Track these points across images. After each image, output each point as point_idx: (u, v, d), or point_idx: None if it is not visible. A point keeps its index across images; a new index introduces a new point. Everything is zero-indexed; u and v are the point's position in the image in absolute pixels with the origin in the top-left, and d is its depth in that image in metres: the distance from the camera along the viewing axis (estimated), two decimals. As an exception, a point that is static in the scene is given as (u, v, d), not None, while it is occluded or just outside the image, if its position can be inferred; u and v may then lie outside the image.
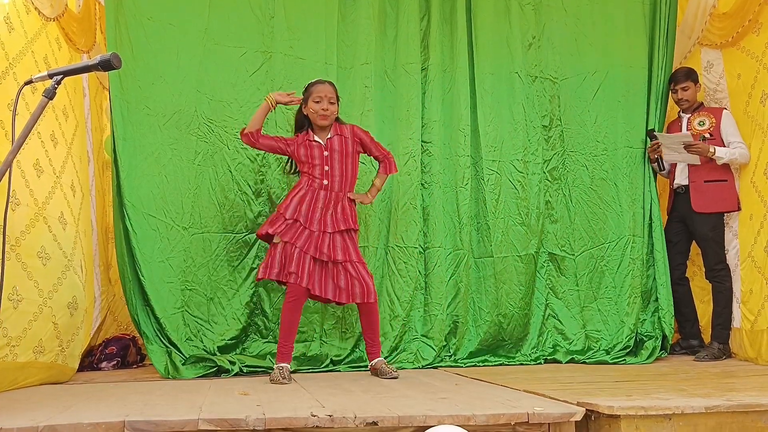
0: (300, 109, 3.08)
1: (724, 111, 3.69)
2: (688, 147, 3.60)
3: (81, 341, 3.07)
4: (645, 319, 3.72)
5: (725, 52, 3.76)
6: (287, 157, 3.17)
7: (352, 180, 3.06)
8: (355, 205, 3.09)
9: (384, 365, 2.96)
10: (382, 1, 3.73)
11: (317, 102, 2.96)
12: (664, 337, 3.68)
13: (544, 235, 3.79)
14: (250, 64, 3.51)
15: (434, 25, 3.76)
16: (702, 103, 3.82)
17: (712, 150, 3.57)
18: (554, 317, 3.77)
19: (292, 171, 3.22)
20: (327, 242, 2.91)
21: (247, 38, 3.51)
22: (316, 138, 3.02)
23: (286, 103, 3.05)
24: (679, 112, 3.89)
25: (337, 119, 3.08)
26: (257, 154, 3.49)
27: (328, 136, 3.01)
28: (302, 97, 3.04)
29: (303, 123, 3.08)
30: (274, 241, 2.94)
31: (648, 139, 3.81)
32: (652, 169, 3.85)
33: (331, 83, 3.07)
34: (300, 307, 2.92)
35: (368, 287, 2.93)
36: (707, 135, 3.65)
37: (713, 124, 3.66)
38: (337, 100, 3.05)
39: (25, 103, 2.56)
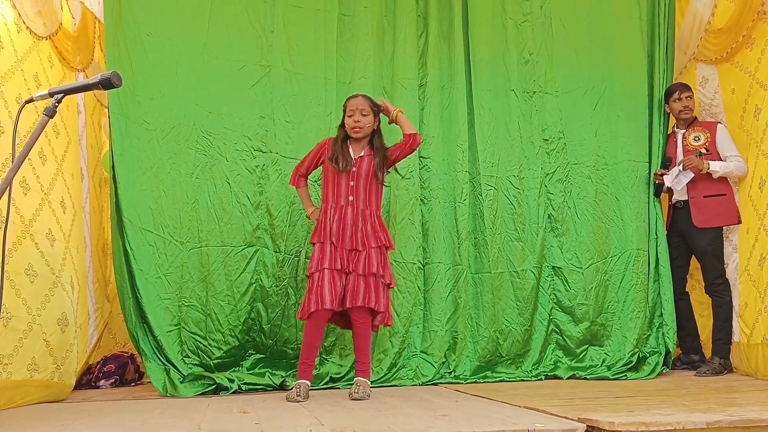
0: (341, 123, 3.07)
1: (719, 125, 3.71)
2: (683, 163, 3.64)
3: (76, 358, 3.05)
4: (649, 335, 3.70)
5: (720, 68, 3.79)
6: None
7: (376, 200, 3.04)
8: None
9: (354, 386, 2.85)
10: (380, 19, 3.77)
11: (350, 116, 2.98)
12: (667, 352, 3.66)
13: (546, 249, 3.78)
14: (248, 78, 3.53)
15: (432, 43, 3.80)
16: (696, 118, 3.84)
17: (706, 165, 3.59)
18: (557, 332, 3.75)
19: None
20: (354, 257, 2.89)
21: (246, 52, 3.54)
22: (351, 150, 3.01)
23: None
24: (674, 127, 3.91)
25: (374, 141, 3.03)
26: (256, 166, 3.49)
27: (361, 153, 3.00)
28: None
29: (345, 137, 3.05)
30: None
31: (663, 165, 3.79)
32: (654, 189, 3.84)
33: (365, 96, 3.05)
34: (320, 328, 2.89)
35: (369, 297, 2.86)
36: (703, 150, 3.67)
37: (708, 139, 3.69)
38: (374, 112, 3.01)
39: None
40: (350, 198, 2.95)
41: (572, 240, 3.79)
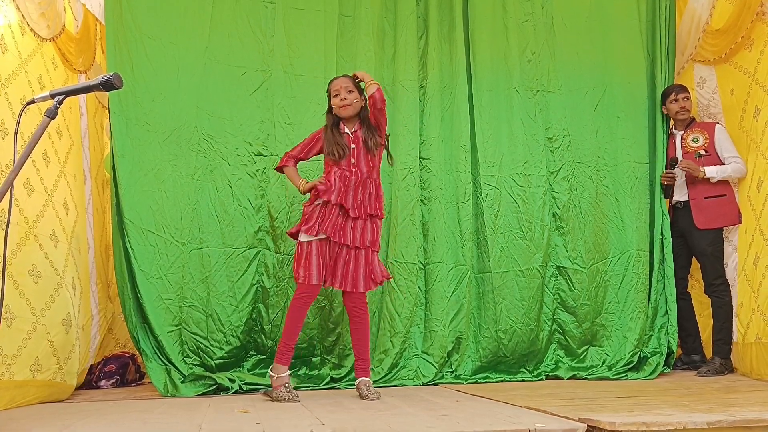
0: (329, 111, 3.06)
1: (717, 126, 3.71)
2: (678, 164, 3.66)
3: (78, 358, 3.05)
4: (651, 335, 3.69)
5: (718, 68, 3.79)
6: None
7: (377, 167, 3.03)
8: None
9: (365, 387, 2.85)
10: (381, 20, 3.78)
11: (336, 95, 2.99)
12: (669, 352, 3.66)
13: (551, 248, 3.78)
14: (250, 84, 3.54)
15: (432, 44, 3.80)
16: (693, 119, 3.84)
17: (702, 171, 3.59)
18: (560, 332, 3.75)
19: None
20: (349, 228, 2.88)
21: (248, 57, 3.55)
22: (346, 129, 3.01)
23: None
24: (672, 128, 3.91)
25: (361, 115, 3.02)
26: (257, 170, 3.50)
27: (354, 129, 3.00)
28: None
29: (334, 121, 3.03)
30: (302, 236, 2.87)
31: (669, 166, 3.79)
32: (663, 191, 3.83)
33: (345, 75, 3.07)
34: (306, 306, 2.89)
35: (369, 279, 2.90)
36: (702, 152, 3.67)
37: (707, 140, 3.69)
38: (358, 89, 3.00)
39: (1, 120, 2.56)
40: (353, 169, 2.96)
41: (577, 239, 3.79)
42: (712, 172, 3.59)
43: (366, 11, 3.73)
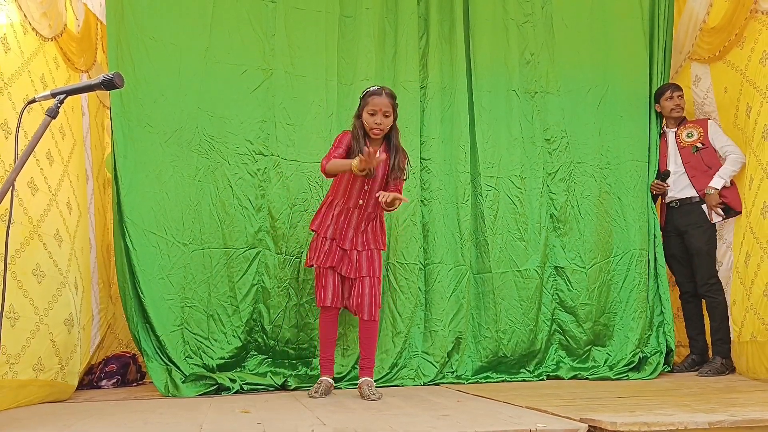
0: (358, 114, 2.99)
1: (709, 121, 3.74)
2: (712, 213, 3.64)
3: (79, 358, 3.06)
4: (650, 335, 3.70)
5: (712, 66, 3.80)
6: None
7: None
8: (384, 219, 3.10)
9: (366, 387, 2.87)
10: (381, 20, 3.78)
11: (372, 114, 2.91)
12: (668, 351, 3.66)
13: (549, 249, 3.78)
14: (251, 81, 3.54)
15: (433, 44, 3.81)
16: (685, 117, 3.85)
17: (711, 191, 3.58)
18: (560, 333, 3.75)
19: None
20: (354, 259, 2.97)
21: (248, 56, 3.55)
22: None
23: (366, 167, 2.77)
24: (664, 126, 3.92)
25: (391, 138, 2.98)
26: (258, 170, 3.50)
27: (377, 155, 2.89)
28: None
29: (362, 130, 2.96)
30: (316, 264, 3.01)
31: (659, 177, 3.83)
32: (653, 196, 3.87)
33: (390, 95, 2.94)
34: (333, 321, 3.00)
35: (374, 306, 2.97)
36: (699, 145, 3.69)
37: (701, 134, 3.71)
38: (394, 112, 2.97)
39: (4, 119, 2.56)
40: (360, 202, 2.98)
41: (575, 240, 3.79)
42: (718, 183, 3.59)
43: (367, 12, 3.73)
